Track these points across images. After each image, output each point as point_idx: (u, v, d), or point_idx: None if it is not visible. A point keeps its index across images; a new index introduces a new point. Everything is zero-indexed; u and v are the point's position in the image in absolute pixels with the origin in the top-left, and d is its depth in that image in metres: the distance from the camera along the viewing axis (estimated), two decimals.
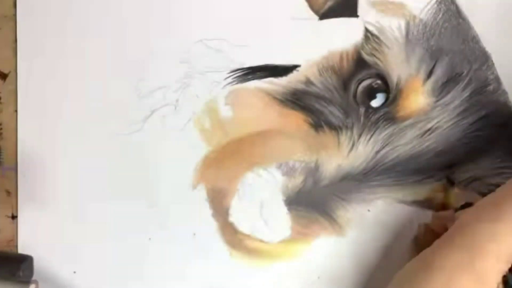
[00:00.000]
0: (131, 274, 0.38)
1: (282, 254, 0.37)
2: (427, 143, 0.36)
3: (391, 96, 0.37)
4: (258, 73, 0.38)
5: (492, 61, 0.36)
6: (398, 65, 0.37)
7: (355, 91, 0.37)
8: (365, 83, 0.37)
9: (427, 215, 0.37)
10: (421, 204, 0.37)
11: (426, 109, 0.37)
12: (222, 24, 0.38)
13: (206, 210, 0.38)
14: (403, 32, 0.37)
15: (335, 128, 0.37)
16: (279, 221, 0.37)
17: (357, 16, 0.37)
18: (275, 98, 0.37)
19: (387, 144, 0.37)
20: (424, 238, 0.35)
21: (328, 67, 0.37)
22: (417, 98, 0.37)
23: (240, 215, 0.38)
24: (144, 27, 0.38)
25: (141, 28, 0.38)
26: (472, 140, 0.37)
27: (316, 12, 0.38)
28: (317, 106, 0.37)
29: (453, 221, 0.31)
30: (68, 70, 0.39)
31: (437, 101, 0.37)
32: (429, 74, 0.37)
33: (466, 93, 0.36)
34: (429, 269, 0.29)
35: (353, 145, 0.37)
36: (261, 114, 0.38)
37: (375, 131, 0.37)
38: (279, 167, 0.37)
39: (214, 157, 0.38)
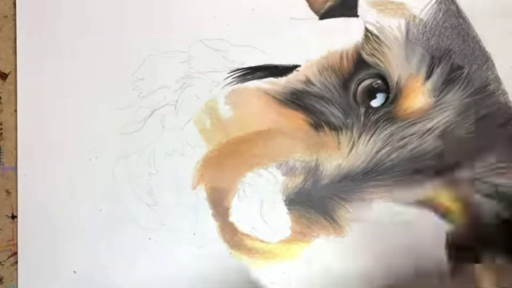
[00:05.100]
0: (131, 274, 0.38)
1: (282, 254, 0.37)
2: (427, 143, 0.36)
3: (391, 96, 0.37)
4: (258, 73, 0.38)
5: (492, 61, 0.36)
6: (398, 65, 0.37)
7: (355, 91, 0.37)
8: (365, 83, 0.37)
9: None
10: (421, 204, 0.37)
11: (426, 109, 0.37)
12: (222, 24, 0.38)
13: (206, 210, 0.38)
14: (403, 32, 0.37)
15: (335, 128, 0.37)
16: (279, 221, 0.37)
17: (357, 16, 0.37)
18: (275, 98, 0.37)
19: (387, 144, 0.37)
20: None
21: (328, 67, 0.37)
22: (417, 98, 0.37)
23: (240, 215, 0.38)
24: (144, 27, 0.38)
25: (141, 28, 0.38)
26: (472, 140, 0.36)
27: (316, 12, 0.38)
28: (317, 106, 0.37)
29: None
30: (68, 70, 0.39)
31: (437, 101, 0.37)
32: (429, 74, 0.37)
33: (466, 93, 0.36)
34: None
35: (353, 145, 0.37)
36: (261, 114, 0.38)
37: (375, 131, 0.37)
38: (279, 167, 0.37)
39: (214, 157, 0.38)
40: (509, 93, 0.37)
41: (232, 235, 0.38)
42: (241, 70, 0.38)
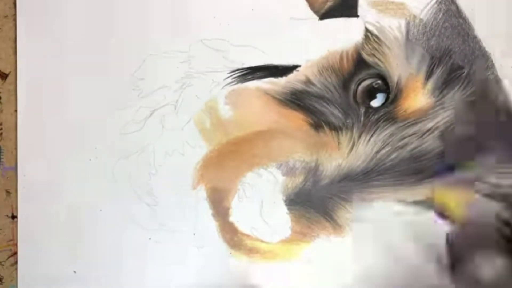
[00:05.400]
0: (131, 274, 0.38)
1: (282, 254, 0.37)
2: (427, 143, 0.36)
3: (391, 96, 0.37)
4: (258, 73, 0.38)
5: (492, 61, 0.36)
6: (399, 65, 0.37)
7: (355, 91, 0.37)
8: (365, 83, 0.37)
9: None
10: (421, 204, 0.37)
11: (426, 109, 0.37)
12: (222, 24, 0.38)
13: (206, 210, 0.38)
14: (403, 32, 0.37)
15: (335, 128, 0.37)
16: (279, 221, 0.37)
17: (357, 16, 0.37)
18: (275, 98, 0.37)
19: (387, 144, 0.37)
20: None
21: (328, 67, 0.37)
22: (417, 98, 0.37)
23: (240, 215, 0.38)
24: (144, 27, 0.38)
25: (141, 28, 0.38)
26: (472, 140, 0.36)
27: (316, 12, 0.38)
28: (317, 106, 0.37)
29: None
30: (68, 70, 0.39)
31: (437, 101, 0.37)
32: (429, 74, 0.36)
33: (466, 93, 0.36)
34: None
35: (353, 145, 0.37)
36: (261, 114, 0.38)
37: (375, 131, 0.37)
38: (279, 167, 0.37)
39: (214, 157, 0.38)
40: (509, 93, 0.36)
41: (232, 235, 0.38)
42: (241, 70, 0.38)
